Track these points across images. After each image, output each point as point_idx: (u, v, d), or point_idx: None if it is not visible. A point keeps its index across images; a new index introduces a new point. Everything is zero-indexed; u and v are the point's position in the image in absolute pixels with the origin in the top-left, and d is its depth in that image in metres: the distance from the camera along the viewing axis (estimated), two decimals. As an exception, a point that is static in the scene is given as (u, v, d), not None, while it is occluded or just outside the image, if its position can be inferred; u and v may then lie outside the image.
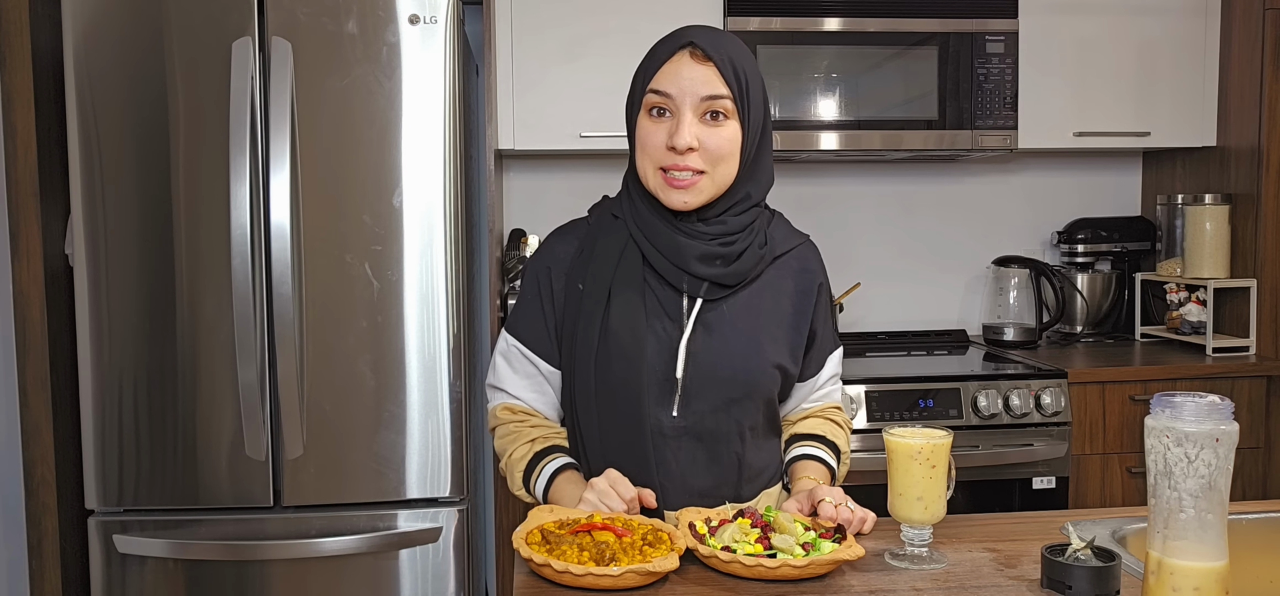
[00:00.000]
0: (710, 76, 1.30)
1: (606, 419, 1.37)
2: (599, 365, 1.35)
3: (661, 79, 1.32)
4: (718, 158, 1.32)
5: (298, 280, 2.20)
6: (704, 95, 1.30)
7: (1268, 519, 1.44)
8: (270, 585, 2.25)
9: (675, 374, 1.35)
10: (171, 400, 2.21)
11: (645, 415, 1.35)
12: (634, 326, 1.34)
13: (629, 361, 1.34)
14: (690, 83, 1.30)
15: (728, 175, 1.34)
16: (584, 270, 1.40)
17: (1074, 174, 3.23)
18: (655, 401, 1.36)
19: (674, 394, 1.36)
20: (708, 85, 1.30)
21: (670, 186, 1.32)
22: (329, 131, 2.19)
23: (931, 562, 1.25)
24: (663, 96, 1.31)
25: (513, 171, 3.04)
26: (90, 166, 2.17)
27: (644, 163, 1.34)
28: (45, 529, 2.27)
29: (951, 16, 2.70)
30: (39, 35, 2.25)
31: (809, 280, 1.45)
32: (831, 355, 1.51)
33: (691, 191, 1.32)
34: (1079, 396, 2.59)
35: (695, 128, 1.30)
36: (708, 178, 1.32)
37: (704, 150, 1.31)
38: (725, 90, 1.30)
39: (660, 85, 1.31)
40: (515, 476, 1.43)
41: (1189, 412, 0.98)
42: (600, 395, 1.36)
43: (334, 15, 2.18)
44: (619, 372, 1.34)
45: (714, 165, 1.32)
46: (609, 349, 1.35)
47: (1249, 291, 2.79)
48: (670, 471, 1.38)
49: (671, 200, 1.33)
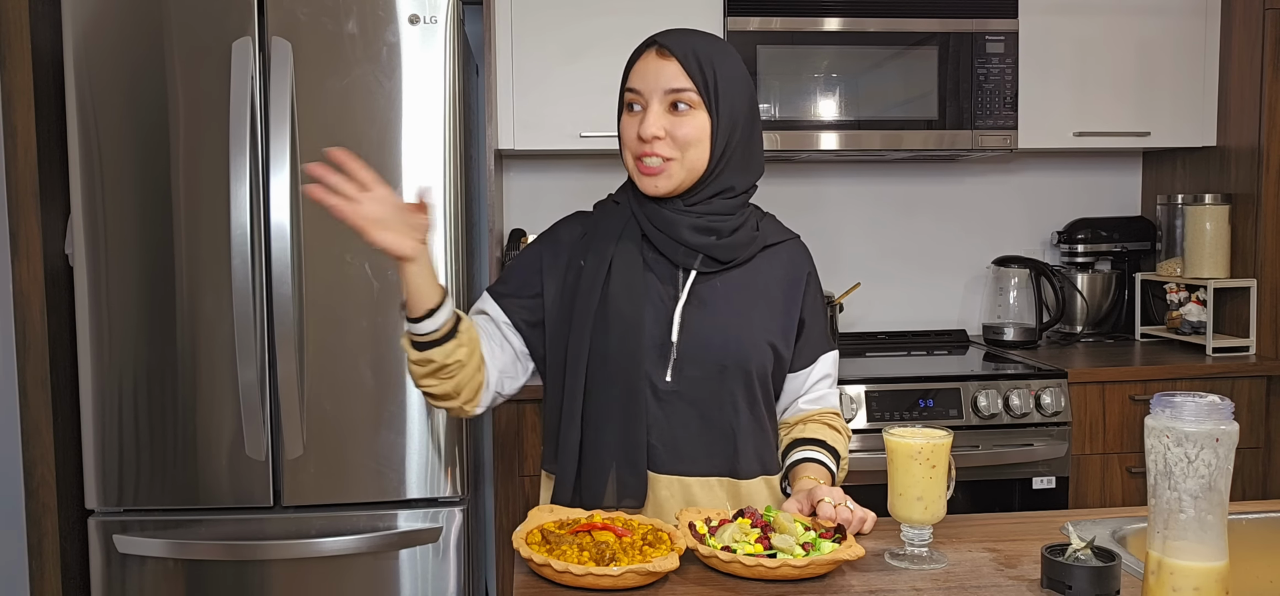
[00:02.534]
0: (673, 71, 1.39)
1: (602, 379, 1.41)
2: (597, 327, 1.41)
3: (633, 77, 1.43)
4: (685, 144, 1.39)
5: (298, 280, 2.20)
6: (667, 88, 1.39)
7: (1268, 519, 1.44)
8: (270, 585, 2.25)
9: (670, 339, 1.41)
10: (171, 400, 2.21)
11: (640, 376, 1.40)
12: (632, 292, 1.41)
13: (626, 323, 1.40)
14: (655, 78, 1.40)
15: (699, 159, 1.41)
16: (586, 250, 1.47)
17: (1074, 174, 3.23)
18: (650, 365, 1.41)
19: (668, 359, 1.41)
20: (670, 79, 1.39)
21: (643, 173, 1.41)
22: (329, 131, 2.19)
23: (931, 562, 1.25)
24: (634, 93, 1.42)
25: (512, 171, 3.04)
26: (90, 166, 2.17)
27: (625, 155, 1.45)
28: (45, 529, 2.27)
29: (951, 16, 2.70)
30: (39, 35, 2.25)
31: (798, 269, 1.52)
32: (825, 355, 1.53)
33: (663, 176, 1.41)
34: (1079, 396, 2.59)
35: (662, 118, 1.40)
36: (677, 163, 1.40)
37: (671, 138, 1.39)
38: (687, 83, 1.39)
39: (632, 83, 1.43)
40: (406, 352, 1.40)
41: (1189, 412, 0.98)
42: (596, 356, 1.41)
43: (334, 15, 2.18)
44: (617, 334, 1.40)
45: (682, 151, 1.40)
46: (608, 312, 1.41)
47: (1249, 291, 2.79)
48: (661, 432, 1.42)
49: (645, 186, 1.42)
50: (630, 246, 1.44)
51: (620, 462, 1.39)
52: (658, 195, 1.42)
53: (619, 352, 1.40)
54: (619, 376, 1.40)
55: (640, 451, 1.39)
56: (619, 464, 1.39)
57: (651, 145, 1.39)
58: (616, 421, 1.40)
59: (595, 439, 1.41)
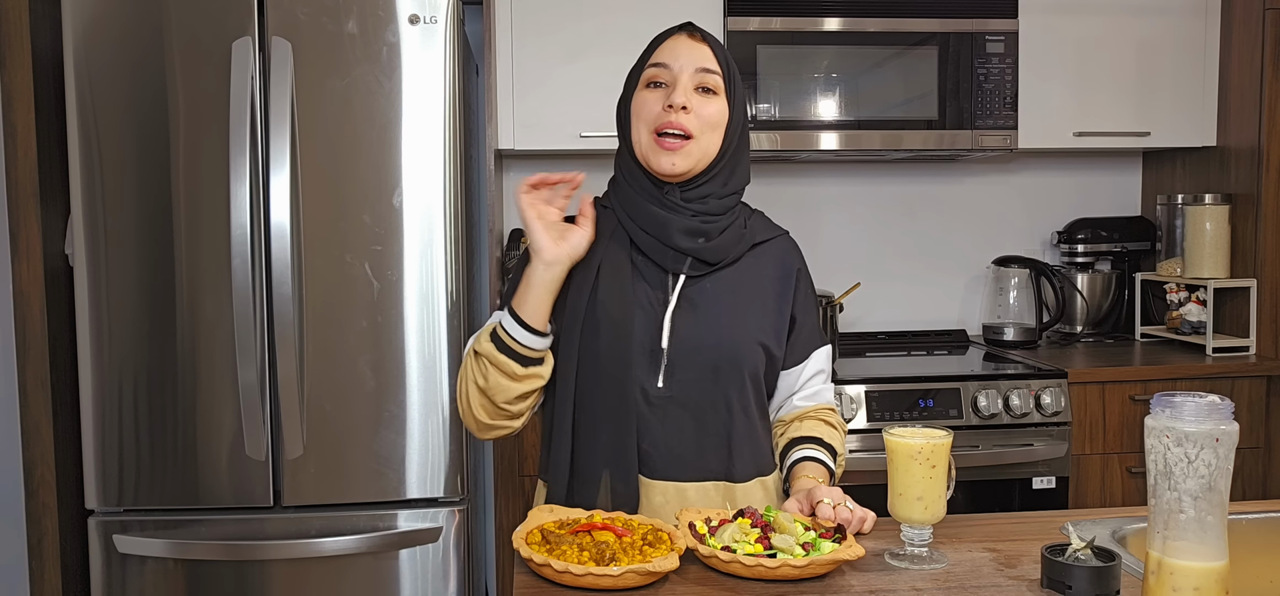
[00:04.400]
0: (706, 53, 1.41)
1: (592, 386, 1.40)
2: (586, 333, 1.40)
3: (661, 53, 1.42)
4: (707, 125, 1.40)
5: (298, 280, 2.20)
6: (699, 67, 1.40)
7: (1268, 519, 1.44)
8: (270, 585, 2.25)
9: (660, 345, 1.40)
10: (171, 400, 2.21)
11: (631, 382, 1.39)
12: (622, 297, 1.40)
13: (616, 329, 1.39)
14: (688, 57, 1.41)
15: (712, 145, 1.42)
16: None
17: (1074, 174, 3.23)
18: (641, 371, 1.40)
19: (659, 365, 1.41)
20: (703, 60, 1.41)
21: (661, 148, 1.40)
22: (329, 131, 2.19)
23: (931, 562, 1.25)
24: (661, 68, 1.41)
25: (513, 171, 3.04)
26: (90, 166, 2.17)
27: (638, 130, 1.43)
28: (45, 529, 2.27)
29: (951, 16, 2.70)
30: (39, 35, 2.25)
31: (788, 266, 1.51)
32: (817, 350, 1.53)
33: (681, 154, 1.39)
34: (1079, 396, 2.59)
35: (691, 95, 1.40)
36: (696, 143, 1.40)
37: (696, 115, 1.40)
38: (717, 68, 1.41)
39: (660, 58, 1.42)
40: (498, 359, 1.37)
41: (1189, 412, 0.98)
42: (586, 363, 1.40)
43: (334, 15, 2.18)
44: (606, 340, 1.39)
45: (702, 132, 1.40)
46: (597, 317, 1.39)
47: (1249, 291, 2.79)
48: (655, 438, 1.41)
49: (661, 162, 1.40)
50: (618, 250, 1.42)
51: (612, 470, 1.39)
52: (673, 174, 1.39)
53: (609, 359, 1.38)
54: (609, 383, 1.38)
55: (631, 459, 1.38)
56: (611, 472, 1.39)
57: (679, 115, 1.38)
58: (607, 429, 1.39)
59: (586, 447, 1.40)
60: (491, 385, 1.38)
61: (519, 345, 1.37)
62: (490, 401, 1.40)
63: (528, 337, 1.37)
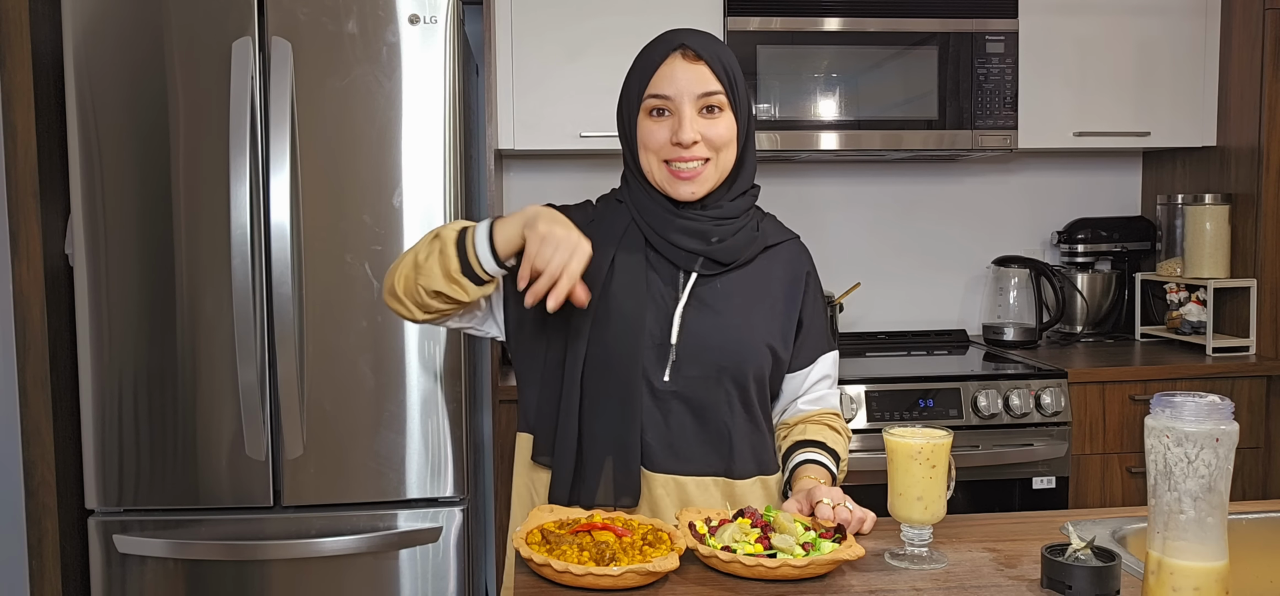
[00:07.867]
0: (704, 74, 1.39)
1: (600, 377, 1.40)
2: (597, 324, 1.40)
3: (658, 82, 1.40)
4: (719, 146, 1.40)
5: (298, 280, 2.20)
6: (700, 92, 1.38)
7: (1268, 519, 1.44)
8: (270, 585, 2.25)
9: (670, 340, 1.41)
10: (171, 400, 2.21)
11: (638, 375, 1.40)
12: (635, 291, 1.41)
13: (628, 322, 1.40)
14: (687, 82, 1.38)
15: (728, 160, 1.42)
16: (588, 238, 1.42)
17: (1074, 174, 3.23)
18: (648, 365, 1.41)
19: (667, 360, 1.41)
20: (703, 83, 1.38)
21: (677, 178, 1.40)
22: (329, 131, 2.19)
23: (931, 562, 1.25)
24: (662, 98, 1.39)
25: (513, 171, 3.04)
26: (90, 166, 2.17)
27: (648, 159, 1.42)
28: (45, 529, 2.27)
29: (951, 16, 2.70)
30: (39, 35, 2.25)
31: (798, 270, 1.52)
32: (824, 355, 1.54)
33: (698, 181, 1.40)
34: (1079, 396, 2.59)
35: (696, 123, 1.39)
36: (712, 165, 1.40)
37: (706, 141, 1.39)
38: (718, 86, 1.39)
39: (658, 89, 1.40)
40: (447, 251, 1.33)
41: (1189, 412, 0.98)
42: (596, 354, 1.40)
43: (334, 15, 2.18)
44: (617, 332, 1.40)
45: (717, 153, 1.40)
46: (609, 309, 1.40)
47: (1249, 291, 2.79)
48: (658, 431, 1.42)
49: (680, 191, 1.40)
50: (633, 246, 1.44)
51: (615, 459, 1.39)
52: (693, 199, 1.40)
53: (618, 351, 1.40)
54: (617, 374, 1.40)
55: (635, 449, 1.39)
56: (614, 460, 1.39)
57: (690, 150, 1.37)
58: (613, 419, 1.40)
59: (591, 435, 1.41)
60: (425, 266, 1.34)
61: (474, 255, 1.32)
62: (414, 278, 1.35)
63: (487, 257, 1.32)
